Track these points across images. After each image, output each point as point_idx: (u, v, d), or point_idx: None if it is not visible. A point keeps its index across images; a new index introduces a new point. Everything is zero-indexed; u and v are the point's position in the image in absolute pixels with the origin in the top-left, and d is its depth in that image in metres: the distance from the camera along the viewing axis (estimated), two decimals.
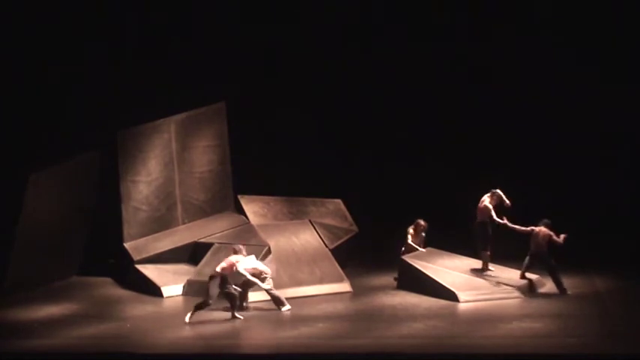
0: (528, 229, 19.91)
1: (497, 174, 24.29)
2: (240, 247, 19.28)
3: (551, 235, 19.73)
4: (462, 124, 25.35)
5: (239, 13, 25.42)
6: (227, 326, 18.26)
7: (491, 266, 20.49)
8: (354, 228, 23.47)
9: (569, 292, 19.60)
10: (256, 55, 25.53)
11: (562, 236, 19.67)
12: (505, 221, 20.11)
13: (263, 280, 18.92)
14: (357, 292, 20.48)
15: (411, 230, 21.09)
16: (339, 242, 22.44)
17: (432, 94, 25.44)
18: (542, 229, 19.74)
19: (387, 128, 25.66)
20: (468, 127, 25.30)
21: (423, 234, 21.14)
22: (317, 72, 25.44)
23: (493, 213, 20.26)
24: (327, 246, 21.70)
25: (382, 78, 25.56)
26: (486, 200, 20.40)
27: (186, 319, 18.48)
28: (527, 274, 20.03)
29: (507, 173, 24.54)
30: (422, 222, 21.08)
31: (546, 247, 19.72)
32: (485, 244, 20.38)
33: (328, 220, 23.20)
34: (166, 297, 20.65)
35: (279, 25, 25.49)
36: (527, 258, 19.88)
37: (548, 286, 20.04)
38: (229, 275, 18.63)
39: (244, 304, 19.27)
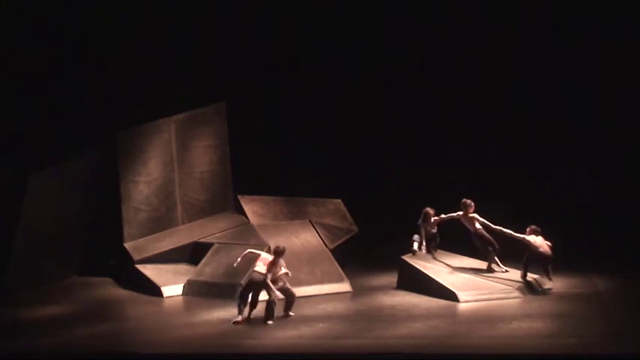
0: (520, 236, 19.93)
1: (499, 174, 24.52)
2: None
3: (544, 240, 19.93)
4: (462, 124, 25.36)
5: (239, 12, 25.42)
6: (227, 326, 18.25)
7: (494, 266, 20.49)
8: (354, 228, 23.47)
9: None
10: (256, 54, 25.53)
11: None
12: (499, 227, 20.20)
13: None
14: (357, 292, 20.47)
15: (420, 223, 21.04)
16: (339, 242, 22.45)
17: (432, 93, 25.45)
18: (539, 242, 19.78)
19: (387, 128, 25.66)
20: (470, 127, 25.32)
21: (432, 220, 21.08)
22: (317, 72, 25.44)
23: (479, 217, 20.34)
24: (327, 246, 21.70)
25: (382, 77, 25.57)
26: (468, 212, 20.48)
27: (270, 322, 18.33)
28: (528, 275, 20.03)
29: (508, 173, 24.68)
30: (429, 210, 21.00)
31: (550, 250, 19.83)
32: (492, 246, 20.37)
33: (328, 220, 23.21)
34: (166, 297, 20.64)
35: (278, 24, 25.49)
36: (530, 260, 19.91)
37: (548, 285, 20.06)
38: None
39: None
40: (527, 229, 19.99)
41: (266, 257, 18.61)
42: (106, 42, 24.61)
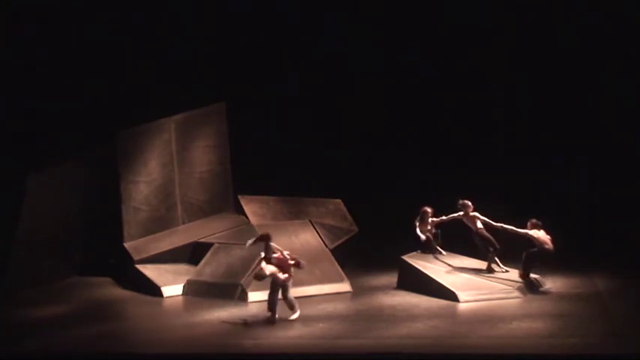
0: (522, 231, 19.92)
1: (499, 174, 24.53)
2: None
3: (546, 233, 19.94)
4: (462, 124, 25.36)
5: (238, 12, 25.42)
6: (227, 326, 18.26)
7: (494, 266, 20.48)
8: (354, 228, 23.47)
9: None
10: (256, 54, 25.53)
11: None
12: (501, 224, 20.20)
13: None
14: (357, 292, 20.46)
15: (416, 222, 21.01)
16: (339, 242, 22.45)
17: (432, 93, 25.45)
18: (543, 237, 19.77)
19: (388, 128, 25.66)
20: (470, 127, 25.32)
21: (430, 220, 21.03)
22: (317, 71, 25.44)
23: (480, 216, 20.34)
24: (327, 246, 21.70)
25: (383, 76, 25.57)
26: (468, 212, 20.48)
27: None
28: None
29: (508, 172, 24.68)
30: (427, 209, 20.98)
31: (552, 244, 19.83)
32: (492, 246, 20.36)
33: (328, 220, 23.20)
34: (166, 297, 20.64)
35: (277, 24, 25.49)
36: (531, 257, 19.89)
37: (548, 285, 20.07)
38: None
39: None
40: (528, 224, 19.97)
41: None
42: (105, 41, 24.61)
